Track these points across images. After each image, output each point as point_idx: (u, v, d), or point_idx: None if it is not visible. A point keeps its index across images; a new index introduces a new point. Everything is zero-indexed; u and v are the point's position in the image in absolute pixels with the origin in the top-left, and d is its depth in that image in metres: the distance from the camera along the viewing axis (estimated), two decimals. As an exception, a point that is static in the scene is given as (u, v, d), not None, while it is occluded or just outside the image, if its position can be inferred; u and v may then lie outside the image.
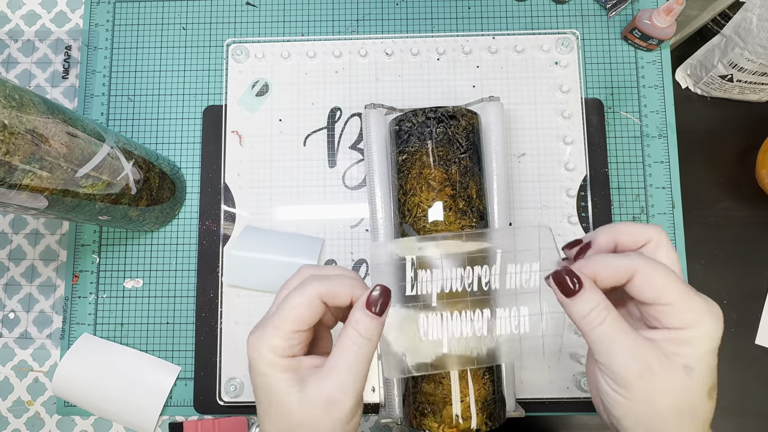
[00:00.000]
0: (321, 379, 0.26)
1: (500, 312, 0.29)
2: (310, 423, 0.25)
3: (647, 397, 0.24)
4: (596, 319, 0.25)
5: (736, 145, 0.55)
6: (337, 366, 0.26)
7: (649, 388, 0.24)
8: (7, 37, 0.53)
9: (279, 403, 0.26)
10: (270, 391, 0.26)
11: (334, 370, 0.26)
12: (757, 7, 0.46)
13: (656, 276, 0.25)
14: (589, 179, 0.48)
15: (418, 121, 0.40)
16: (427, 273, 0.29)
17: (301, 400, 0.25)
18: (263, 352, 0.26)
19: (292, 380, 0.26)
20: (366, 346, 0.26)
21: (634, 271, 0.25)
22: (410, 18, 0.52)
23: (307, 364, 0.27)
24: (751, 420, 0.51)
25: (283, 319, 0.26)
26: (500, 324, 0.29)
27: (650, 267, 0.25)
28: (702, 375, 0.24)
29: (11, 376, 0.49)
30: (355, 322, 0.26)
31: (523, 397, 0.45)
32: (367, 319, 0.26)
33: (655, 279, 0.25)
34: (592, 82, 0.50)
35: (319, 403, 0.25)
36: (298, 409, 0.25)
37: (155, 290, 0.49)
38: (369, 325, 0.26)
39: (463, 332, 0.29)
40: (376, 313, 0.26)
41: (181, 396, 0.47)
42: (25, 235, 0.50)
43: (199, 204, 0.49)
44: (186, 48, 0.52)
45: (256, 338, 0.27)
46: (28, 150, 0.30)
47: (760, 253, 0.53)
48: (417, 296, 0.29)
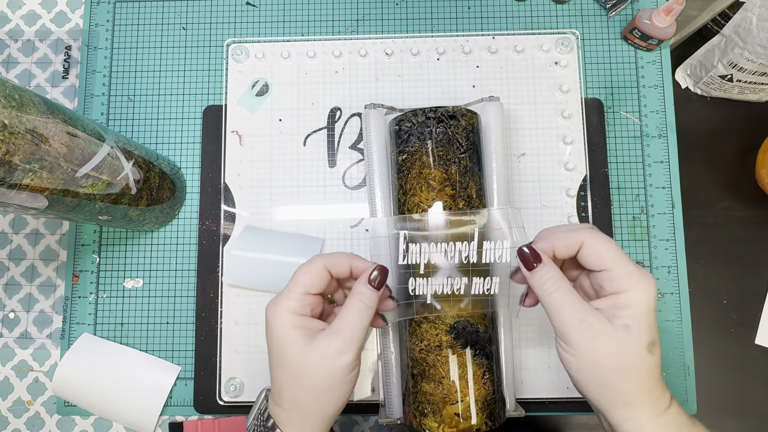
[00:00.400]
0: (330, 335, 0.31)
1: (476, 279, 0.35)
2: (320, 370, 0.30)
3: (591, 354, 0.28)
4: (550, 288, 0.30)
5: (735, 145, 0.55)
6: (344, 326, 0.31)
7: (592, 346, 0.28)
8: (7, 37, 0.53)
9: (292, 354, 0.31)
10: (284, 344, 0.31)
11: (341, 329, 0.31)
12: (757, 7, 0.46)
13: (599, 245, 0.30)
14: (589, 179, 0.48)
15: (418, 121, 0.40)
16: (417, 246, 0.36)
17: (312, 352, 0.30)
18: (279, 312, 0.31)
19: (304, 336, 0.31)
20: (367, 312, 0.32)
21: (582, 241, 0.30)
22: (410, 18, 0.52)
23: (315, 326, 0.32)
24: (751, 420, 0.51)
25: (295, 284, 0.32)
26: (474, 287, 0.35)
27: (594, 238, 0.30)
28: (639, 332, 0.28)
29: (11, 376, 0.49)
30: (359, 293, 0.32)
31: (523, 397, 0.45)
32: (368, 291, 0.32)
33: (598, 247, 0.30)
34: (592, 82, 0.50)
35: (329, 354, 0.30)
36: (310, 358, 0.30)
37: (155, 290, 0.49)
38: (370, 295, 0.32)
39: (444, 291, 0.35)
40: (375, 287, 0.32)
41: (181, 396, 0.47)
42: (25, 235, 0.50)
43: (199, 204, 0.49)
44: (186, 48, 0.52)
45: (273, 303, 0.32)
46: (28, 150, 0.30)
47: (760, 253, 0.53)
48: (408, 266, 0.36)
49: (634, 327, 0.28)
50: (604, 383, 0.29)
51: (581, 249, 0.31)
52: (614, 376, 0.28)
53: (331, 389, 0.31)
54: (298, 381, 0.31)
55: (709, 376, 0.52)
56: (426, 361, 0.37)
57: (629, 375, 0.28)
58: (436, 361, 0.37)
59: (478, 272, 0.35)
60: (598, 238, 0.30)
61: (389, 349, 0.42)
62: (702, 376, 0.52)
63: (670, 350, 0.47)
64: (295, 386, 0.31)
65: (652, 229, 0.48)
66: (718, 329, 0.52)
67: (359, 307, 0.32)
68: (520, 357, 0.46)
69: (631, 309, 0.28)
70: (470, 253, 0.35)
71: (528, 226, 0.47)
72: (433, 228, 0.36)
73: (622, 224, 0.48)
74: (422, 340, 0.38)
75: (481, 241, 0.35)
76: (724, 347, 0.52)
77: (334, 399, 0.31)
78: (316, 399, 0.31)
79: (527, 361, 0.46)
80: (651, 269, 0.48)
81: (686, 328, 0.47)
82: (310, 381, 0.30)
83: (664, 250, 0.48)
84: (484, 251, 0.35)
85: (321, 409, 0.31)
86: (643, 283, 0.29)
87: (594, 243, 0.30)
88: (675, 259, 0.48)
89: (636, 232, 0.48)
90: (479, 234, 0.35)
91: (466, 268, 0.35)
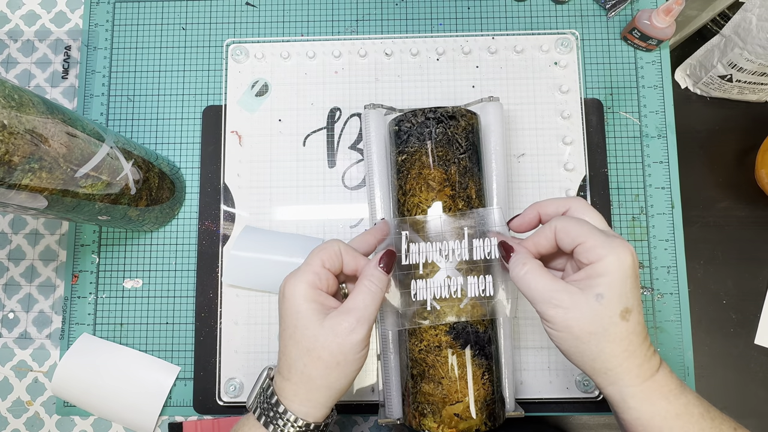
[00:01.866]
0: (343, 313, 0.32)
1: (471, 279, 0.36)
2: (332, 345, 0.31)
3: (565, 325, 0.29)
4: (521, 270, 0.31)
5: (735, 145, 0.55)
6: (356, 305, 0.32)
7: (565, 317, 0.29)
8: (7, 37, 0.53)
9: (305, 327, 0.31)
10: (298, 316, 0.32)
11: (354, 308, 0.32)
12: (756, 7, 0.46)
13: (570, 226, 0.31)
14: (589, 179, 0.48)
15: (418, 121, 0.40)
16: (416, 246, 0.37)
17: (324, 327, 0.31)
18: (296, 284, 0.32)
19: (318, 311, 0.32)
20: (377, 293, 0.33)
21: (554, 228, 0.32)
22: (410, 18, 0.52)
23: (329, 302, 0.33)
24: (751, 420, 0.51)
25: (313, 259, 0.33)
26: (471, 288, 0.36)
27: (564, 221, 0.31)
28: (611, 300, 0.29)
29: (11, 376, 0.49)
30: (370, 275, 0.33)
31: (523, 397, 0.45)
32: (379, 273, 0.34)
33: (570, 228, 0.31)
34: (592, 82, 0.50)
35: (341, 331, 0.31)
36: (322, 332, 0.31)
37: (155, 290, 0.49)
38: (380, 277, 0.34)
39: (442, 294, 0.36)
40: (384, 270, 0.34)
41: (181, 396, 0.47)
42: (24, 235, 0.50)
43: (199, 204, 0.49)
44: (186, 48, 0.52)
45: (291, 275, 0.33)
46: (27, 150, 0.30)
47: (760, 253, 0.53)
48: (410, 265, 0.37)
49: (606, 295, 0.29)
50: (582, 352, 0.29)
51: (555, 235, 0.32)
52: (589, 345, 0.29)
53: (341, 365, 0.31)
54: (309, 354, 0.31)
55: (708, 376, 0.52)
56: (426, 361, 0.37)
57: (603, 342, 0.29)
58: (435, 361, 0.37)
59: (472, 271, 0.37)
60: (566, 222, 0.31)
61: (389, 349, 0.42)
62: (702, 376, 0.52)
63: (670, 350, 0.47)
64: (306, 358, 0.31)
65: (651, 229, 0.48)
66: (717, 329, 0.52)
67: (371, 288, 0.33)
68: (520, 357, 0.46)
69: (604, 277, 0.29)
70: (462, 251, 0.37)
71: (528, 226, 0.47)
72: (430, 229, 0.38)
73: (621, 224, 0.48)
74: (422, 341, 0.38)
75: (471, 239, 0.37)
76: (724, 347, 0.52)
77: (342, 375, 0.32)
78: (325, 373, 0.31)
79: (527, 362, 0.46)
80: (651, 269, 0.48)
81: (686, 328, 0.47)
82: (320, 354, 0.31)
83: (664, 250, 0.48)
84: (474, 248, 0.36)
85: (329, 383, 0.32)
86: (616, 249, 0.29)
87: (565, 224, 0.31)
88: (674, 259, 0.48)
89: (636, 232, 0.48)
90: (468, 233, 0.37)
91: (461, 267, 0.37)
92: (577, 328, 0.29)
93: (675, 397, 0.29)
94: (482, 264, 0.37)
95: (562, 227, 0.31)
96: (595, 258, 0.29)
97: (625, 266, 0.29)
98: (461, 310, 0.37)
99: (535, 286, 0.30)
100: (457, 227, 0.37)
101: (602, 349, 0.29)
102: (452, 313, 0.37)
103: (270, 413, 0.32)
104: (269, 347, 0.46)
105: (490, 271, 0.37)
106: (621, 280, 0.29)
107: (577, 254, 0.30)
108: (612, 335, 0.29)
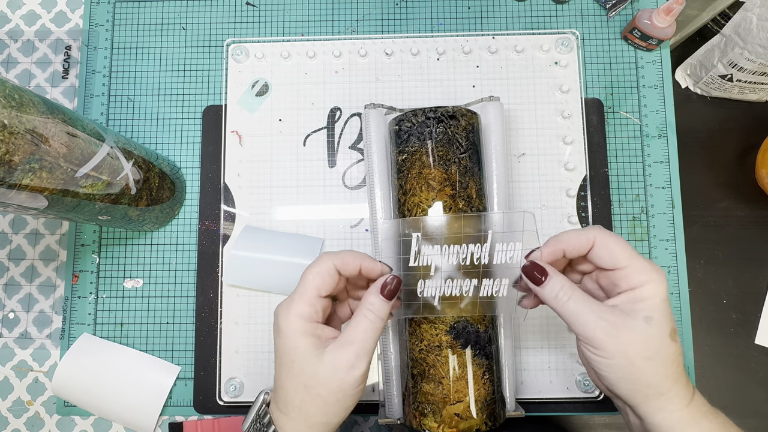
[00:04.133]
0: (341, 347, 0.31)
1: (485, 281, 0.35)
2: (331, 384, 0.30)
3: (619, 350, 0.28)
4: (563, 297, 0.30)
5: (735, 145, 0.55)
6: (356, 337, 0.31)
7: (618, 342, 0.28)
8: (7, 37, 0.53)
9: (302, 363, 0.30)
10: (295, 352, 0.30)
11: (353, 341, 0.31)
12: (757, 7, 0.46)
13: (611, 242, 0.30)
14: (589, 179, 0.48)
15: (418, 121, 0.40)
16: (429, 248, 0.35)
17: (323, 363, 0.30)
18: (290, 318, 0.31)
19: (315, 345, 0.31)
20: (378, 323, 0.32)
21: (593, 239, 0.31)
22: (410, 18, 0.52)
23: (326, 333, 0.32)
24: (751, 420, 0.51)
25: (306, 287, 0.31)
26: (483, 289, 0.35)
27: (606, 235, 0.31)
28: (660, 321, 0.29)
29: (11, 376, 0.49)
30: (370, 304, 0.32)
31: (523, 397, 0.45)
32: (380, 302, 0.32)
33: (610, 245, 0.30)
34: (592, 82, 0.50)
35: (340, 367, 0.30)
36: (321, 369, 0.30)
37: (155, 290, 0.49)
38: (381, 306, 0.32)
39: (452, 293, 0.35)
40: (387, 298, 0.32)
41: (181, 396, 0.47)
42: (25, 235, 0.50)
43: (199, 204, 0.49)
44: (186, 48, 0.52)
45: (283, 307, 0.31)
46: (27, 150, 0.30)
47: (760, 252, 0.53)
48: (417, 267, 0.35)
49: (654, 317, 0.29)
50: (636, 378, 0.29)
51: (593, 248, 0.31)
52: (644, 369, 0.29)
53: (339, 402, 0.31)
54: (307, 390, 0.30)
55: (708, 376, 0.52)
56: (426, 361, 0.37)
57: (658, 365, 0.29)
58: (436, 361, 0.37)
59: (487, 274, 0.35)
60: (608, 237, 0.31)
61: (389, 349, 0.42)
62: (702, 376, 0.52)
63: (670, 350, 0.47)
64: (303, 395, 0.30)
65: (652, 229, 0.48)
66: (718, 329, 0.52)
67: (371, 318, 0.32)
68: (520, 357, 0.46)
69: (649, 301, 0.29)
70: (482, 254, 0.35)
71: (528, 226, 0.47)
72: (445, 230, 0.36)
73: (622, 224, 0.48)
74: (422, 340, 0.37)
75: (494, 243, 0.35)
76: (724, 347, 0.52)
77: (341, 410, 0.31)
78: (324, 410, 0.30)
79: (527, 362, 0.46)
80: (651, 269, 0.48)
81: (686, 328, 0.47)
82: (319, 392, 0.30)
83: (664, 250, 0.48)
84: (495, 253, 0.34)
85: (327, 420, 0.31)
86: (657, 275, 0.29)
87: (606, 241, 0.31)
88: (675, 259, 0.48)
89: (636, 232, 0.48)
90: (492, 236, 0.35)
91: (476, 270, 0.35)
92: (632, 352, 0.28)
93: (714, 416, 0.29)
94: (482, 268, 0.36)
95: (603, 243, 0.31)
96: (637, 283, 0.29)
97: (665, 290, 0.29)
98: (462, 309, 0.36)
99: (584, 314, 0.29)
100: (460, 228, 0.37)
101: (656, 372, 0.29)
102: (453, 312, 0.36)
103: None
104: (269, 347, 0.46)
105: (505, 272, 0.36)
106: (664, 303, 0.29)
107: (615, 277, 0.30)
108: (665, 357, 0.29)
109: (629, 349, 0.28)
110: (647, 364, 0.28)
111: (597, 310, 0.29)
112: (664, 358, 0.29)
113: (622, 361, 0.29)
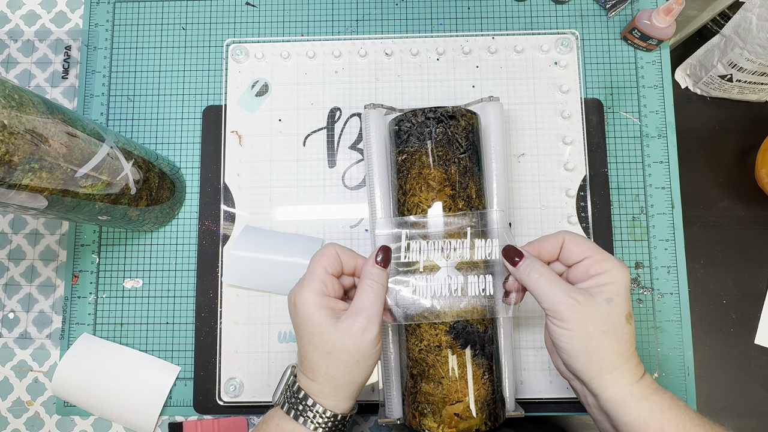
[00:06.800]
0: (353, 315, 0.34)
1: (471, 278, 0.37)
2: (349, 346, 0.34)
3: (580, 323, 0.32)
4: (535, 275, 0.34)
5: (735, 145, 0.55)
6: (364, 305, 0.35)
7: (581, 317, 0.32)
8: (7, 37, 0.53)
9: (322, 333, 0.34)
10: (313, 324, 0.34)
11: (362, 308, 0.35)
12: (756, 7, 0.46)
13: (578, 238, 0.35)
14: (589, 179, 0.48)
15: (418, 121, 0.40)
16: (416, 244, 0.38)
17: (339, 330, 0.34)
18: (305, 295, 0.35)
19: (330, 316, 0.34)
20: (380, 290, 0.36)
21: (563, 239, 0.35)
22: (410, 18, 0.52)
23: (338, 306, 0.36)
24: (751, 420, 0.51)
25: (315, 267, 0.35)
26: (471, 287, 0.37)
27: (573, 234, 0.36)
28: (619, 303, 0.33)
29: (11, 376, 0.49)
30: (369, 273, 0.36)
31: (523, 397, 0.45)
32: (377, 270, 0.36)
33: (578, 240, 0.35)
34: (592, 82, 0.50)
35: (355, 332, 0.34)
36: (338, 336, 0.34)
37: (155, 290, 0.49)
38: (379, 273, 0.36)
39: (443, 292, 0.37)
40: (382, 266, 0.36)
41: (181, 396, 0.47)
42: (25, 235, 0.50)
43: (199, 204, 0.49)
44: (186, 48, 0.52)
45: (298, 288, 0.35)
46: (27, 150, 0.30)
47: (760, 253, 0.53)
48: (409, 263, 0.38)
49: (615, 299, 0.33)
50: (593, 350, 0.32)
51: (563, 246, 0.35)
52: (601, 341, 0.32)
53: (359, 362, 0.34)
54: (329, 356, 0.34)
55: (708, 376, 0.52)
56: (426, 361, 0.37)
57: (613, 340, 0.32)
58: (435, 361, 0.37)
59: (472, 270, 0.37)
60: (575, 235, 0.36)
61: (389, 349, 0.42)
62: (702, 376, 0.52)
63: (670, 350, 0.47)
64: (327, 361, 0.34)
65: (651, 229, 0.48)
66: (717, 329, 0.52)
67: (373, 286, 0.35)
68: (520, 357, 0.46)
69: (612, 285, 0.33)
70: (464, 250, 0.37)
71: (528, 226, 0.47)
72: (431, 227, 0.38)
73: (621, 224, 0.48)
74: (422, 340, 0.38)
75: (473, 239, 0.38)
76: (724, 347, 0.52)
77: (363, 370, 0.35)
78: (347, 372, 0.34)
79: (527, 362, 0.46)
80: (651, 269, 0.48)
81: (686, 328, 0.47)
82: (340, 356, 0.34)
83: (664, 250, 0.48)
84: (475, 249, 0.37)
85: (351, 380, 0.34)
86: (620, 265, 0.34)
87: (573, 238, 0.35)
88: (675, 259, 0.48)
89: (636, 232, 0.48)
90: (471, 233, 0.38)
91: (461, 266, 0.37)
92: (592, 326, 0.32)
93: (662, 392, 0.33)
94: (482, 264, 0.37)
95: (572, 239, 0.35)
96: (601, 270, 0.33)
97: (627, 279, 0.33)
98: (461, 309, 0.37)
99: (552, 290, 0.33)
100: (458, 227, 0.38)
101: (612, 347, 0.32)
102: (452, 312, 0.37)
103: (299, 407, 0.34)
104: (269, 347, 0.46)
105: (490, 270, 0.38)
106: (625, 289, 0.33)
107: (585, 266, 0.34)
108: (620, 335, 0.32)
109: (589, 323, 0.32)
110: (603, 337, 0.32)
111: (565, 289, 0.33)
112: (619, 335, 0.32)
113: (582, 333, 0.32)
